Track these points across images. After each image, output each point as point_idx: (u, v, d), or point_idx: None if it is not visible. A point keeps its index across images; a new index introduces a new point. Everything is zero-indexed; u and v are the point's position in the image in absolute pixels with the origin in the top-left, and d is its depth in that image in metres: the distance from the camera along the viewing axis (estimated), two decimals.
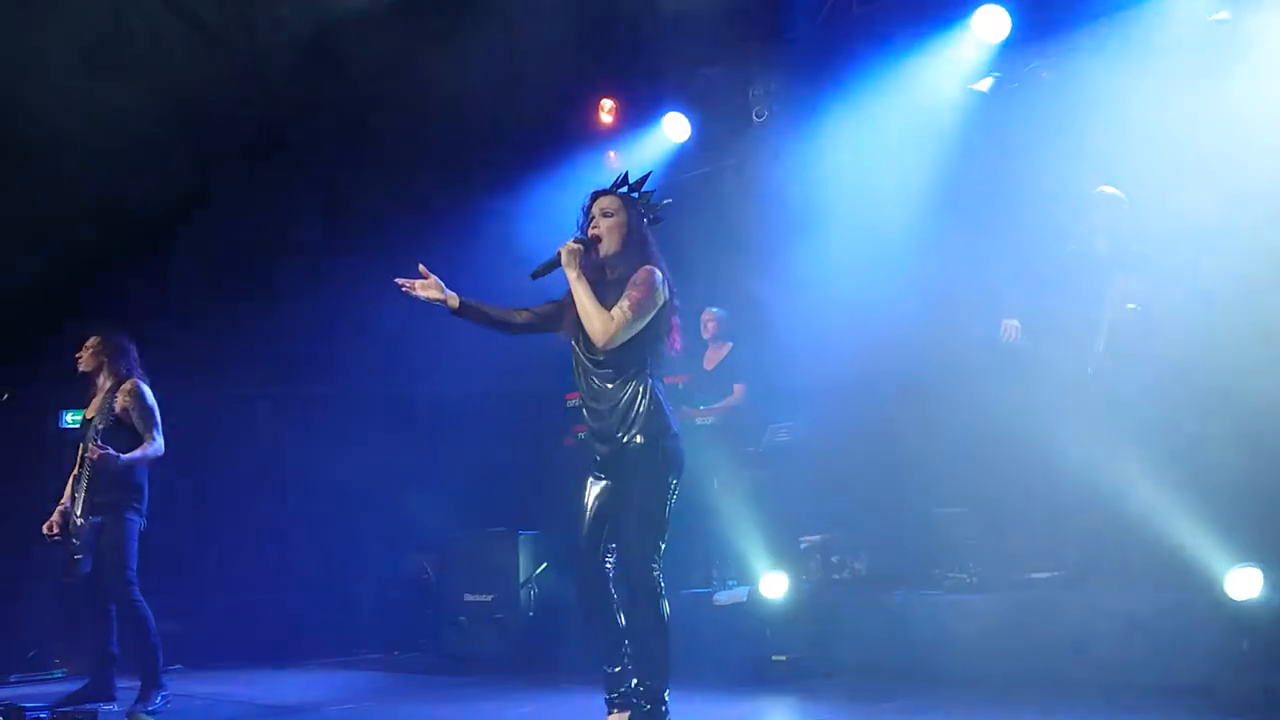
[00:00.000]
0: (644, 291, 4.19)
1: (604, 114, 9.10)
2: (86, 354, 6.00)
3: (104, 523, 5.71)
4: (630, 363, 4.23)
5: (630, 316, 4.15)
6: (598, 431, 4.27)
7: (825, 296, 8.37)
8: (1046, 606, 5.37)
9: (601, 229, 4.32)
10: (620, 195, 4.43)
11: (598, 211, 4.37)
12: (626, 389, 4.21)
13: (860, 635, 5.95)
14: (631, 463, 4.17)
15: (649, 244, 4.40)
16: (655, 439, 4.18)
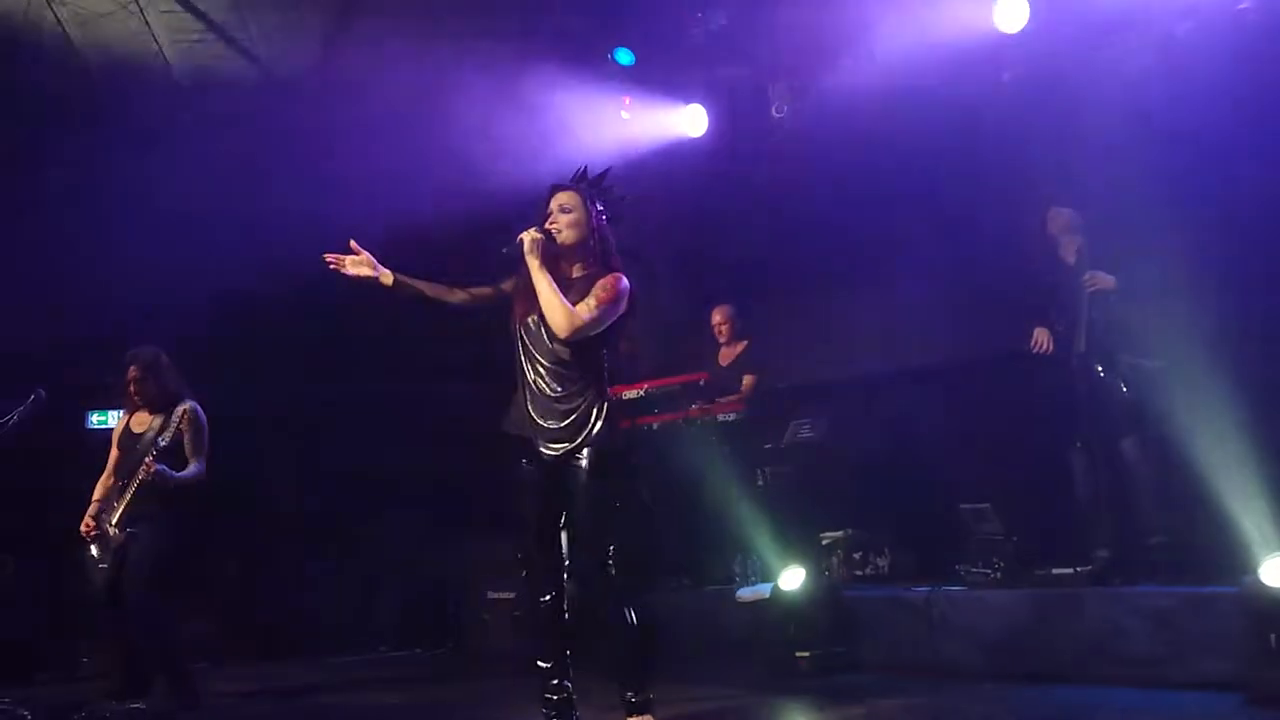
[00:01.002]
0: (612, 296, 4.17)
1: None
2: (140, 385, 6.00)
3: (138, 533, 5.75)
4: (590, 367, 4.23)
5: (595, 315, 4.13)
6: (544, 429, 4.19)
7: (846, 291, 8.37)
8: (1071, 602, 5.33)
9: (560, 224, 4.27)
10: (579, 191, 4.37)
11: (556, 207, 4.31)
12: (586, 395, 4.19)
13: (883, 631, 5.93)
14: (582, 468, 4.15)
15: (608, 243, 4.38)
16: (607, 443, 4.17)
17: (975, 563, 6.08)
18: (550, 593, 4.26)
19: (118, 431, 6.15)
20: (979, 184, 7.47)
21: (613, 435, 4.21)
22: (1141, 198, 5.97)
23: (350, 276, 4.27)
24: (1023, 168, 7.04)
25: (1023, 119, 7.26)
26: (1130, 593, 5.20)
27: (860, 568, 7.08)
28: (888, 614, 5.94)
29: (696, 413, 7.26)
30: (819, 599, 5.91)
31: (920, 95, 7.68)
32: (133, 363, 6.02)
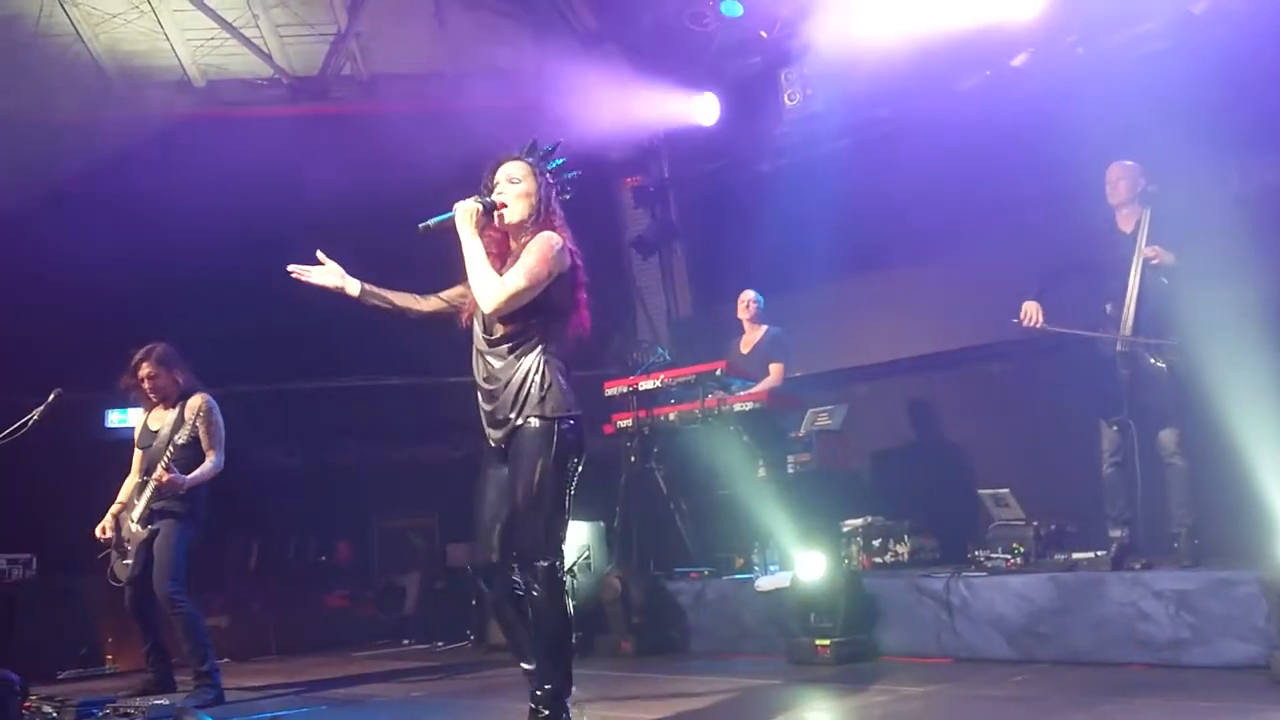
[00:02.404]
0: (536, 258, 3.84)
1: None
2: (155, 382, 6.04)
3: (161, 528, 5.80)
4: (523, 337, 3.91)
5: (522, 283, 3.80)
6: (489, 415, 3.96)
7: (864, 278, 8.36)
8: (1093, 586, 5.31)
9: (508, 196, 3.99)
10: (529, 163, 4.06)
11: (503, 178, 4.02)
12: (519, 365, 3.90)
13: (904, 618, 5.92)
14: (524, 447, 3.85)
15: (557, 218, 4.06)
16: (551, 420, 3.86)
17: (995, 548, 6.06)
18: (511, 586, 3.99)
19: (137, 430, 6.20)
20: (997, 168, 7.43)
21: (558, 408, 3.88)
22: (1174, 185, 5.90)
23: (315, 286, 4.14)
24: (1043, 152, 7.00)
25: (1040, 103, 7.23)
26: (1152, 576, 5.18)
27: (880, 555, 7.07)
28: (908, 601, 5.93)
29: (714, 402, 7.26)
30: (839, 587, 5.90)
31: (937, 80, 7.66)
32: (144, 360, 6.06)
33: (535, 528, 3.84)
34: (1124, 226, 5.92)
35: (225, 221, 8.25)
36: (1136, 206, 5.88)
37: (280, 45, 9.62)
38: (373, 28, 9.44)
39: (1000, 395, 7.79)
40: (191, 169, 8.46)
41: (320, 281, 4.14)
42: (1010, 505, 6.29)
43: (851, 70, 8.09)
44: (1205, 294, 5.58)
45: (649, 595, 6.89)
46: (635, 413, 7.40)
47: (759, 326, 7.84)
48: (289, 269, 4.17)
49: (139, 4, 9.01)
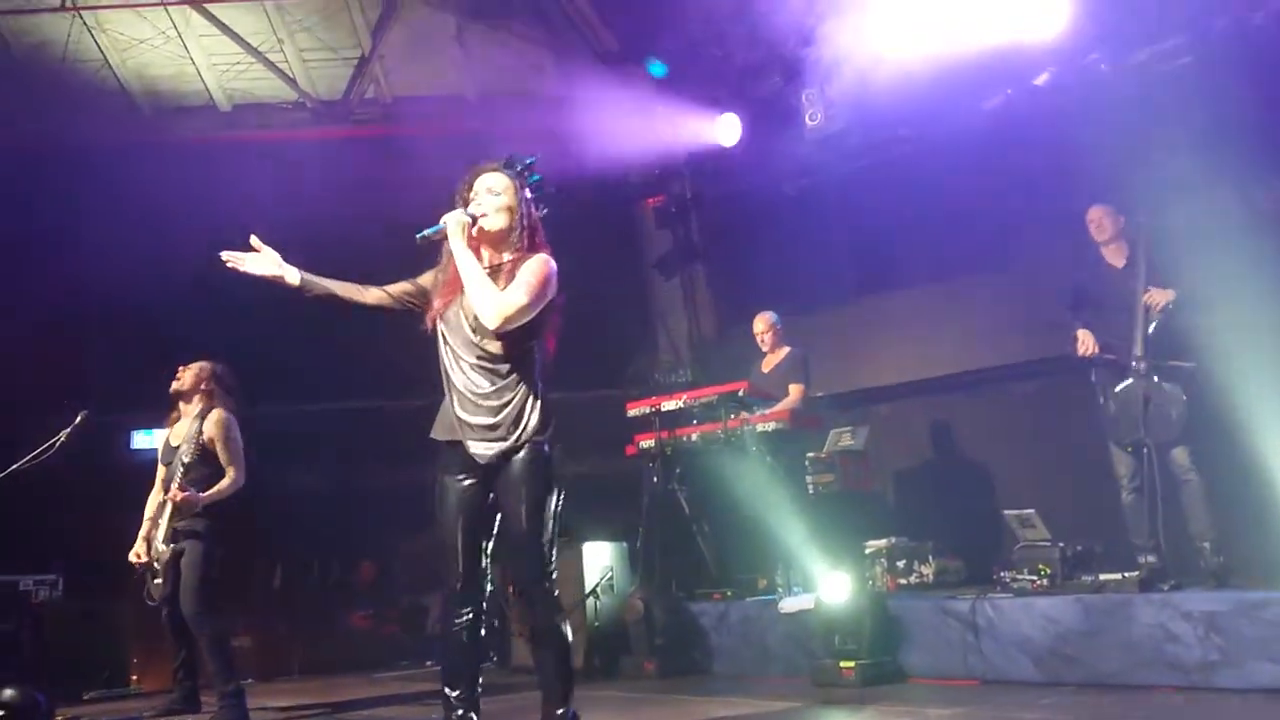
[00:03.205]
0: (538, 278, 3.79)
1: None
2: (187, 375, 6.10)
3: (186, 548, 5.82)
4: (522, 357, 3.85)
5: (524, 300, 3.74)
6: (478, 431, 3.82)
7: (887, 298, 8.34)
8: (1121, 608, 5.25)
9: (488, 208, 3.89)
10: (510, 176, 3.97)
11: (483, 189, 3.93)
12: (520, 387, 3.82)
13: (929, 641, 5.87)
14: (526, 473, 3.79)
15: (538, 232, 3.98)
16: (547, 444, 3.84)
17: (1021, 570, 6.01)
18: (468, 613, 3.88)
19: (160, 446, 6.24)
20: (1019, 187, 7.42)
21: (550, 434, 3.85)
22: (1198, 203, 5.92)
23: (252, 276, 3.99)
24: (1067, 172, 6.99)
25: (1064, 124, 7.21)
26: (1181, 598, 5.13)
27: (904, 576, 7.03)
28: (933, 623, 5.88)
29: (736, 423, 7.24)
30: (863, 608, 5.86)
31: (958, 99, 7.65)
32: (195, 361, 6.13)
33: (539, 555, 3.78)
34: (1114, 260, 6.17)
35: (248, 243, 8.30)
36: (1120, 242, 6.16)
37: (305, 69, 9.72)
38: (396, 51, 9.53)
39: (1024, 416, 7.75)
40: (218, 191, 8.54)
41: (256, 270, 3.98)
42: (1036, 526, 6.24)
43: (872, 90, 8.09)
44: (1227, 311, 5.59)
45: (672, 617, 6.87)
46: (657, 433, 7.39)
47: (780, 348, 7.82)
48: (221, 255, 4.03)
49: (166, 29, 9.13)
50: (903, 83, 7.62)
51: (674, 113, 8.96)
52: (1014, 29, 7.25)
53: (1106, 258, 6.21)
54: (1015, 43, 7.28)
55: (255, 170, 8.96)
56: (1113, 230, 6.17)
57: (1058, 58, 7.33)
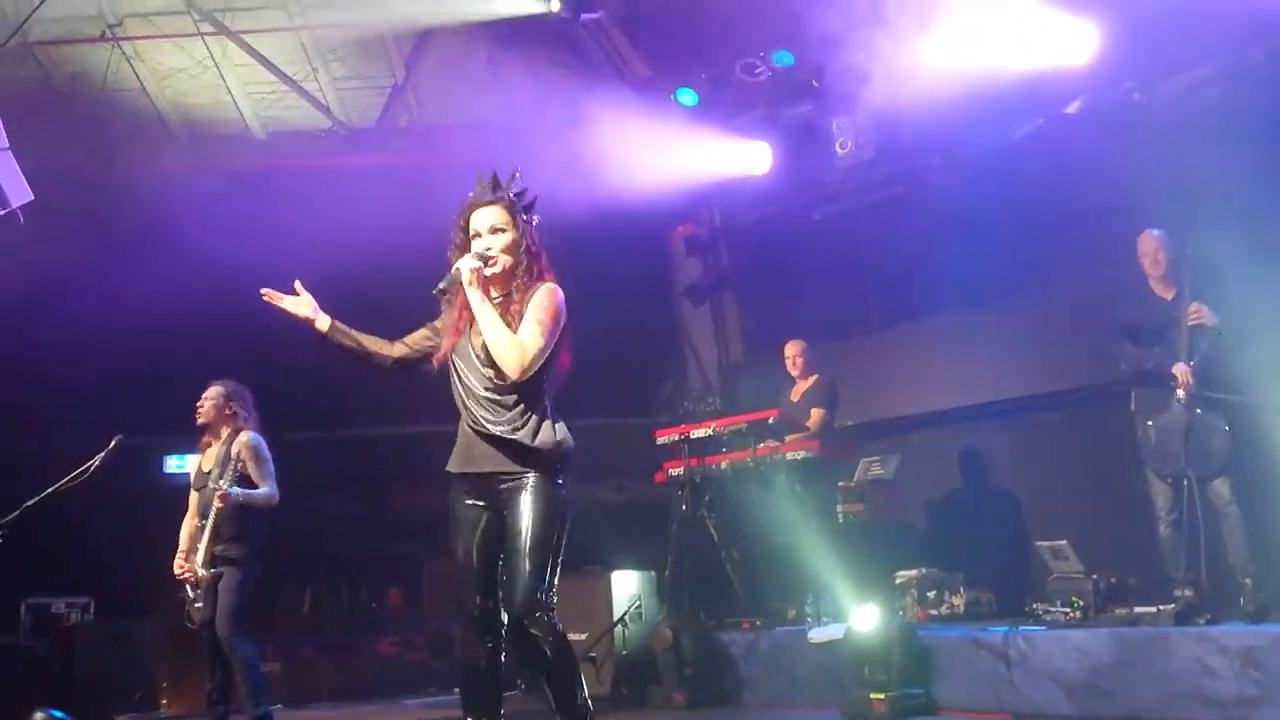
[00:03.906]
0: (549, 314, 3.76)
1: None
2: (207, 404, 6.15)
3: (224, 571, 5.86)
4: (532, 386, 3.79)
5: (543, 343, 3.72)
6: (489, 463, 3.81)
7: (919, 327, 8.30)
8: (1156, 641, 5.18)
9: (494, 247, 3.83)
10: (505, 204, 3.89)
11: (485, 229, 3.85)
12: (529, 416, 3.79)
13: (961, 673, 5.80)
14: (535, 501, 3.74)
15: (543, 257, 3.92)
16: (558, 473, 3.80)
17: (1054, 601, 5.95)
18: (487, 641, 3.83)
19: (192, 472, 6.28)
20: (1051, 216, 7.39)
21: (561, 461, 3.81)
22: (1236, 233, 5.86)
23: (285, 314, 4.02)
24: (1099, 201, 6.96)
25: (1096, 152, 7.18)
26: (1217, 632, 5.05)
27: (935, 607, 6.96)
28: (965, 654, 5.81)
29: (766, 451, 7.22)
30: (894, 639, 5.80)
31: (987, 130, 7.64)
32: (212, 384, 6.17)
33: (534, 585, 3.69)
34: (1163, 292, 6.03)
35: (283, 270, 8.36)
36: (1174, 273, 5.98)
37: (339, 98, 9.82)
38: (428, 79, 9.61)
39: (1056, 445, 7.68)
40: (251, 218, 8.62)
41: (292, 310, 4.01)
42: (1069, 558, 6.17)
43: (903, 118, 8.09)
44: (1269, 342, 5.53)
45: (701, 646, 6.82)
46: (687, 461, 7.37)
47: (809, 375, 7.79)
48: (262, 292, 4.06)
49: (203, 59, 9.25)
50: (933, 111, 7.61)
51: (705, 141, 8.98)
52: (1045, 57, 7.24)
53: (1154, 288, 6.08)
54: (1046, 71, 7.26)
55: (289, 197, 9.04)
56: (1165, 266, 6.00)
57: (1089, 86, 7.31)
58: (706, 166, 9.14)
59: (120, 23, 8.89)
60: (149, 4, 8.79)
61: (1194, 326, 5.78)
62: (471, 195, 3.96)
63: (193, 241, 8.76)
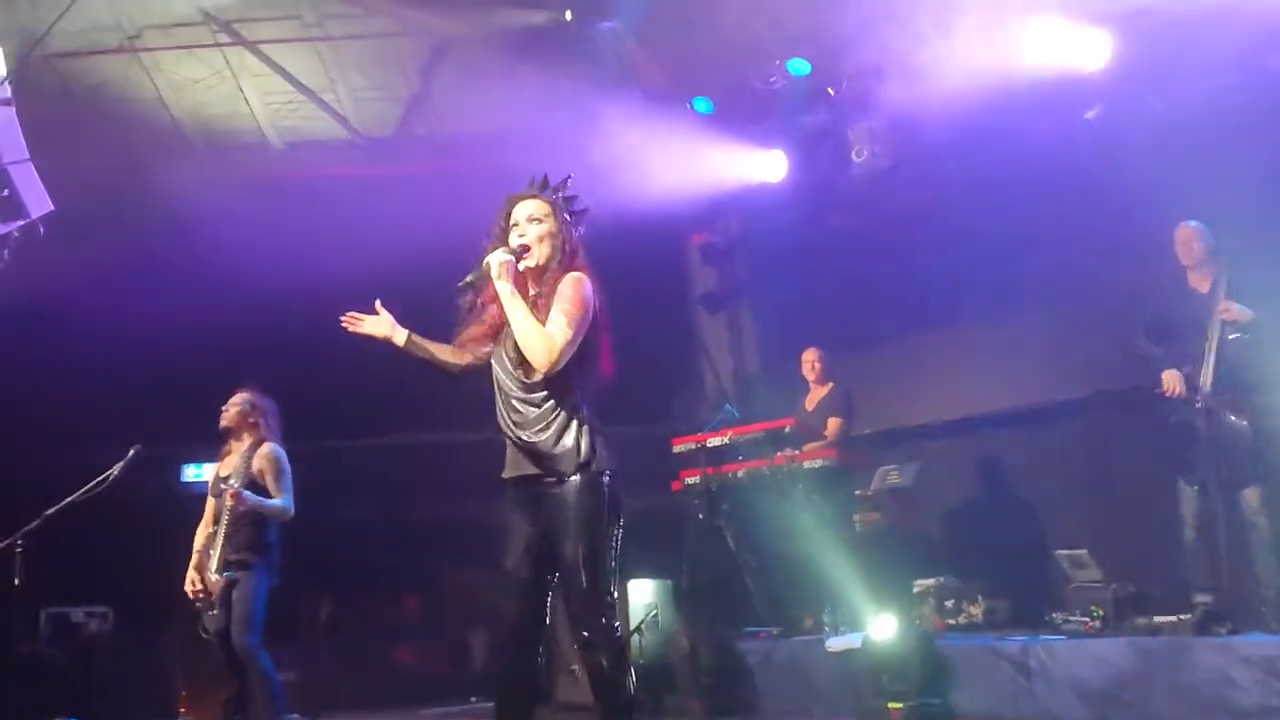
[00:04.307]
0: (575, 303, 3.66)
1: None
2: (232, 410, 6.17)
3: (238, 579, 5.87)
4: (559, 384, 3.69)
5: (570, 334, 3.62)
6: (526, 462, 3.74)
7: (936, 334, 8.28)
8: (1177, 651, 5.15)
9: (530, 237, 3.78)
10: (547, 199, 3.87)
11: (523, 218, 3.81)
12: (556, 416, 3.69)
13: (980, 682, 5.78)
14: (571, 504, 3.64)
15: (579, 255, 3.86)
16: (599, 474, 3.68)
17: (1073, 611, 5.92)
18: (524, 650, 3.73)
19: (210, 479, 6.30)
20: (1069, 222, 7.36)
21: (599, 461, 3.70)
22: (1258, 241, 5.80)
23: (360, 335, 4.02)
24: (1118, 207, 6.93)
25: (1112, 156, 7.16)
26: (1239, 642, 5.02)
27: (953, 616, 6.93)
28: (984, 664, 5.79)
29: (783, 459, 7.21)
30: (912, 648, 5.79)
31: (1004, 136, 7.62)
32: (237, 390, 6.19)
33: (590, 587, 3.60)
34: (1199, 286, 5.84)
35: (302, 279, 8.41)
36: (1209, 265, 5.81)
37: (356, 108, 9.85)
38: (445, 89, 9.64)
39: (1075, 453, 7.64)
40: (269, 228, 8.65)
41: (371, 331, 4.02)
42: (1088, 566, 6.14)
43: (920, 125, 8.09)
44: None
45: (718, 655, 6.81)
46: (703, 469, 7.36)
47: (825, 383, 7.78)
48: (342, 318, 4.07)
49: (221, 70, 9.29)
50: (950, 118, 7.61)
51: (721, 149, 8.98)
52: (1062, 63, 7.22)
53: (1191, 282, 5.89)
54: (1064, 77, 7.25)
55: (307, 207, 9.08)
56: (1202, 254, 5.84)
57: (1108, 92, 7.29)
58: (722, 175, 9.15)
59: (139, 34, 8.93)
60: (167, 15, 8.84)
61: (1226, 325, 5.61)
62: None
63: (211, 251, 8.81)
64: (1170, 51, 6.84)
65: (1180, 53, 6.83)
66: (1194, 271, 5.88)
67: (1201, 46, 6.68)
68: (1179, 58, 6.86)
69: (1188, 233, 5.89)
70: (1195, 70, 6.89)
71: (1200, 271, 5.86)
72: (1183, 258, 5.91)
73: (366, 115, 9.97)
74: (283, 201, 9.21)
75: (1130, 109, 7.22)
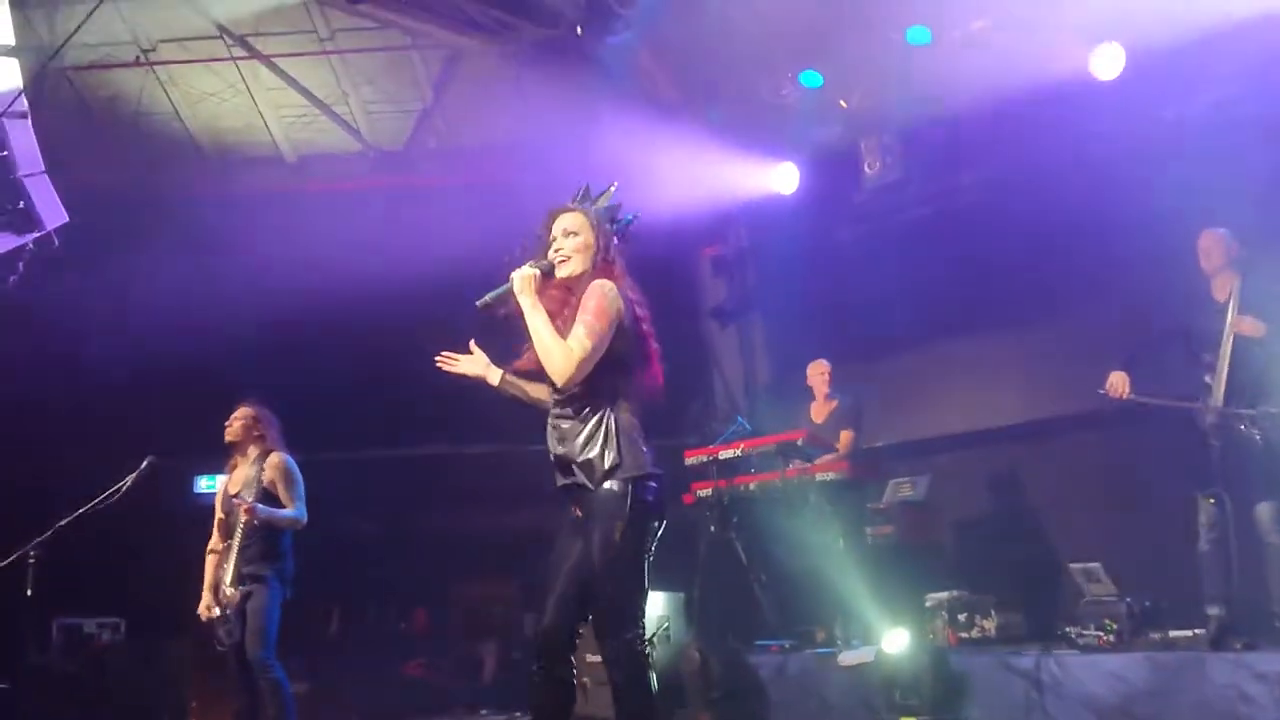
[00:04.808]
0: (595, 312, 3.63)
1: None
2: (236, 424, 6.17)
3: (252, 591, 5.87)
4: (593, 395, 3.69)
5: (589, 345, 3.59)
6: (563, 471, 3.74)
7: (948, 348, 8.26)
8: (1191, 666, 5.11)
9: (566, 249, 3.80)
10: (585, 211, 3.88)
11: (559, 231, 3.83)
12: (587, 425, 3.67)
13: (992, 697, 5.74)
14: (599, 512, 3.62)
15: (616, 265, 3.85)
16: (626, 482, 3.63)
17: (1086, 625, 5.88)
18: (554, 658, 3.70)
19: (219, 494, 6.30)
20: (1081, 234, 7.35)
21: (633, 471, 3.65)
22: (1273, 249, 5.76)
23: (455, 374, 4.03)
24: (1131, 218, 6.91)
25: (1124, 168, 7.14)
26: (1254, 658, 4.98)
27: (966, 630, 6.89)
28: (997, 678, 5.75)
29: (795, 472, 7.19)
30: (924, 662, 5.76)
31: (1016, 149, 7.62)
32: (242, 403, 6.21)
33: (612, 599, 3.61)
34: (1218, 295, 5.76)
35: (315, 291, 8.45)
36: (1230, 274, 5.72)
37: (368, 121, 9.91)
38: (457, 102, 9.68)
39: (1089, 467, 7.61)
40: (281, 240, 8.69)
41: (466, 370, 4.03)
42: (1102, 580, 6.11)
43: (932, 137, 8.09)
44: None
45: (729, 668, 6.78)
46: (715, 482, 7.35)
47: (833, 396, 7.75)
48: (436, 359, 4.06)
49: (234, 83, 9.36)
50: (961, 131, 7.61)
51: (732, 161, 8.99)
52: (1072, 75, 7.22)
53: (1211, 290, 5.78)
54: (1075, 88, 7.24)
55: (319, 219, 9.12)
56: (1222, 260, 5.73)
57: (1119, 103, 7.28)
58: (734, 187, 9.16)
59: (154, 47, 9.00)
60: (182, 29, 8.90)
61: (1239, 337, 5.53)
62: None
63: (225, 263, 8.86)
64: (1182, 63, 6.83)
65: (1192, 64, 6.82)
66: (1214, 279, 5.79)
67: (1213, 58, 6.68)
68: (1191, 69, 6.85)
69: (1208, 238, 5.79)
70: (1207, 81, 6.89)
71: (1220, 279, 5.76)
72: (1204, 263, 5.81)
73: (378, 128, 10.02)
74: (295, 213, 9.24)
75: (1142, 120, 7.20)
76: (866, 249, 8.88)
